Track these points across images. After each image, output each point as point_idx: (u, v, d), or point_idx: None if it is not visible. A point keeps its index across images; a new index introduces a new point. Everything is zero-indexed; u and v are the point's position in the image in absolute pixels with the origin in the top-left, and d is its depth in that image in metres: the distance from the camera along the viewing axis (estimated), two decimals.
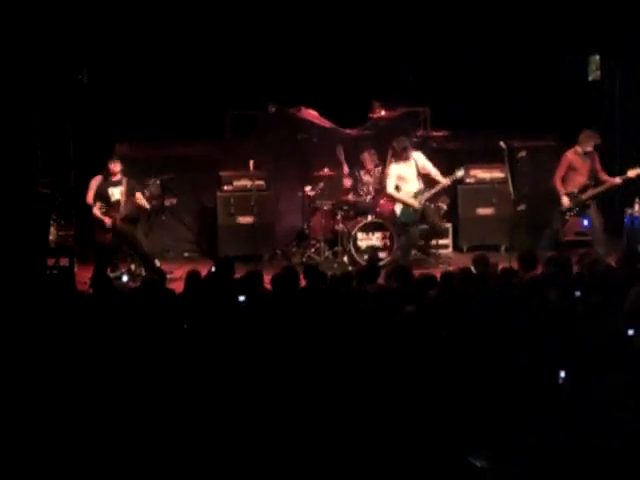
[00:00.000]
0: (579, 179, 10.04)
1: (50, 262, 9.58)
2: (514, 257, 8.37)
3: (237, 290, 6.89)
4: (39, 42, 10.34)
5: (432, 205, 10.52)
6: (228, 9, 11.76)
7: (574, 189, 10.01)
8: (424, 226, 10.54)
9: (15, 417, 4.85)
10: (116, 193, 9.74)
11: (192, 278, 7.23)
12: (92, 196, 9.76)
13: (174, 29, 11.68)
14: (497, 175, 11.28)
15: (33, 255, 9.38)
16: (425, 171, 10.34)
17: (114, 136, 11.14)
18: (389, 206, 10.65)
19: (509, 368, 5.07)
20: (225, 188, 11.24)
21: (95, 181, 9.85)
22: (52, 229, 10.51)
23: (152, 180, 10.36)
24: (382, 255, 10.50)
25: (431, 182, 10.38)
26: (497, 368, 5.09)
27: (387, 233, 10.60)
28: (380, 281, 7.50)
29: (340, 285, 7.18)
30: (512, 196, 10.13)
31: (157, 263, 9.76)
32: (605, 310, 5.96)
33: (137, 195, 9.82)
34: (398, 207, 10.32)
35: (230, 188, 11.23)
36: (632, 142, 11.69)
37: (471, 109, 11.95)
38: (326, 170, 11.10)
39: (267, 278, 7.21)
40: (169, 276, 8.84)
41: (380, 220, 10.62)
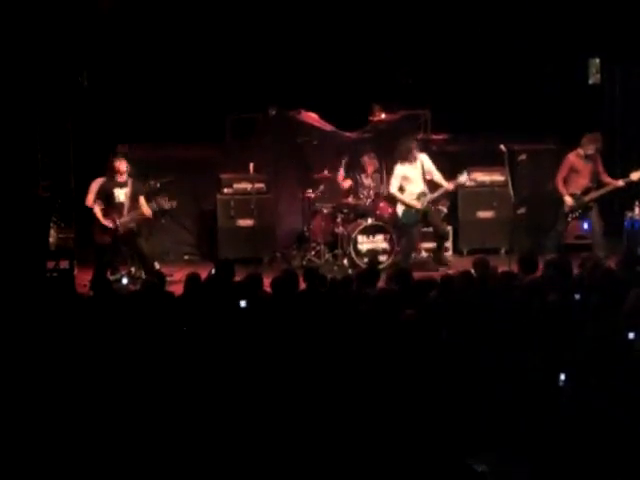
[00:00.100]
0: (581, 181, 10.06)
1: (50, 265, 9.58)
2: (514, 260, 8.38)
3: (237, 293, 6.89)
4: (39, 45, 10.33)
5: (433, 208, 10.52)
6: (228, 13, 11.77)
7: (576, 191, 10.03)
8: (426, 228, 10.54)
9: (15, 419, 4.85)
10: (121, 195, 9.68)
11: (192, 281, 7.22)
12: (92, 199, 9.75)
13: (174, 32, 11.68)
14: (497, 178, 11.28)
15: (33, 258, 9.40)
16: (429, 174, 10.33)
17: (114, 139, 11.14)
18: (389, 209, 10.66)
19: (509, 371, 5.06)
20: (225, 191, 11.24)
21: (96, 184, 9.84)
22: (52, 232, 10.51)
23: (152, 182, 10.37)
24: (382, 258, 10.51)
25: (434, 185, 10.38)
26: (497, 371, 5.08)
27: (387, 236, 10.59)
28: (380, 284, 7.50)
29: (340, 288, 7.17)
30: (512, 199, 10.12)
31: (157, 266, 9.78)
32: (605, 313, 5.96)
33: (141, 200, 9.79)
34: (400, 208, 10.32)
35: (230, 191, 11.22)
36: (632, 145, 11.72)
37: (471, 112, 11.96)
38: (326, 173, 11.11)
39: (267, 281, 7.21)
40: (169, 279, 8.85)
41: (380, 223, 10.62)
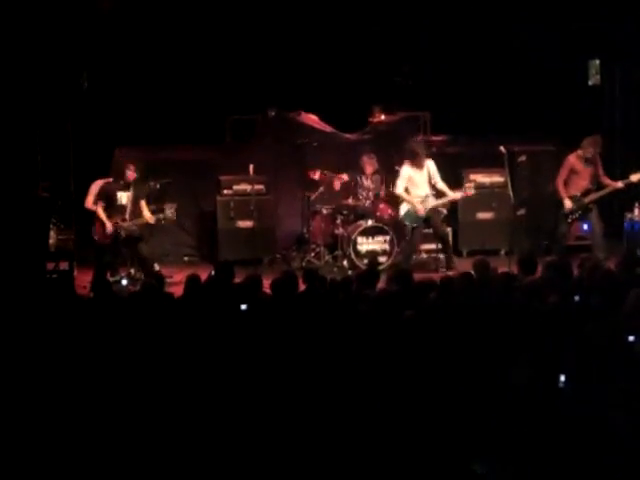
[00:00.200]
0: (581, 183, 10.06)
1: (50, 266, 9.56)
2: (514, 261, 8.38)
3: (237, 295, 6.88)
4: (39, 46, 10.33)
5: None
6: (228, 14, 11.78)
7: (576, 192, 10.03)
8: (427, 230, 10.55)
9: (15, 421, 4.85)
10: (123, 198, 9.70)
11: (192, 282, 7.22)
12: (92, 200, 9.74)
13: (174, 33, 11.70)
14: (497, 179, 11.28)
15: (33, 259, 9.38)
16: (433, 182, 10.32)
17: (114, 140, 11.15)
18: (389, 210, 10.66)
19: (509, 373, 5.06)
20: (225, 192, 11.24)
21: (96, 185, 9.83)
22: (52, 233, 10.51)
23: (152, 183, 10.37)
24: (382, 259, 10.50)
25: (436, 192, 10.37)
26: (497, 373, 5.08)
27: (387, 237, 10.59)
28: (380, 285, 7.49)
29: (340, 289, 7.17)
30: (512, 200, 10.12)
31: (157, 267, 9.77)
32: (605, 314, 5.95)
33: (142, 204, 9.80)
34: (403, 209, 10.31)
35: (230, 192, 11.22)
36: (632, 147, 11.71)
37: (471, 114, 11.97)
38: (326, 174, 11.10)
39: (267, 282, 7.21)
40: (169, 280, 8.85)
41: (380, 224, 10.62)
